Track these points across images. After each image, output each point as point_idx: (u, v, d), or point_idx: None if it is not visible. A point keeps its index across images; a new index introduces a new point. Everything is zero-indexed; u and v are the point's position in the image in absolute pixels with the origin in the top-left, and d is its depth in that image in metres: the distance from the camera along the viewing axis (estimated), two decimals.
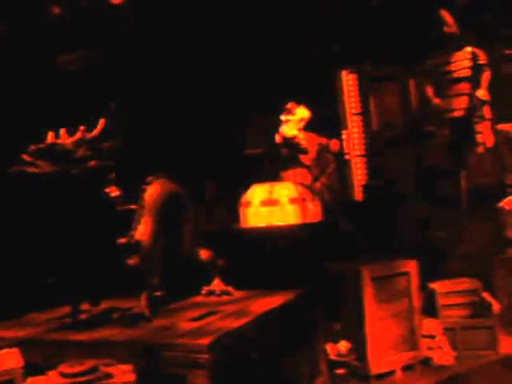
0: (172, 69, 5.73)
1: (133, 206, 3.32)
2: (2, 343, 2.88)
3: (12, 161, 2.99)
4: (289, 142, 5.66)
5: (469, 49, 5.65)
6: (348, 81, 6.09)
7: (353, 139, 6.03)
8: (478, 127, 5.59)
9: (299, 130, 5.66)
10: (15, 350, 2.75)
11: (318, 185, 5.81)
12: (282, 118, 5.69)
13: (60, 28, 5.12)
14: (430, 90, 5.81)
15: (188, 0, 5.50)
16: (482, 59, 5.60)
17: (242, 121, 6.14)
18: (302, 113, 5.67)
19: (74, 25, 5.15)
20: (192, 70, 5.78)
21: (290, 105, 5.65)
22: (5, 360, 2.68)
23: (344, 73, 6.11)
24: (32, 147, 3.00)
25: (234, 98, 5.98)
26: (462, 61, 5.68)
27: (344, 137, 6.06)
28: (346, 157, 6.00)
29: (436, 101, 5.77)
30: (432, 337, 4.26)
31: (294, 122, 5.64)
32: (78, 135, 3.10)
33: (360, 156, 6.14)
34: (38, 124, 3.20)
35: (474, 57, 5.63)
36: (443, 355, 4.23)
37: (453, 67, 5.71)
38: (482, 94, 5.56)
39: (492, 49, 5.75)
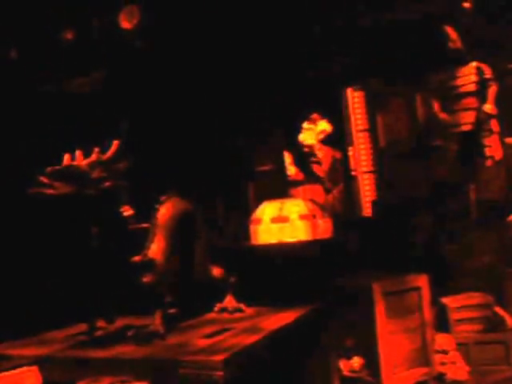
0: (183, 89, 5.83)
1: (145, 225, 3.38)
2: (21, 361, 2.92)
3: (30, 183, 3.06)
4: (303, 152, 5.79)
5: (474, 64, 5.70)
6: (354, 98, 6.15)
7: (359, 155, 6.08)
8: (486, 141, 5.61)
9: (317, 141, 5.80)
10: (34, 368, 2.80)
11: (330, 198, 5.87)
12: (304, 125, 5.83)
13: (72, 51, 5.24)
14: (436, 105, 5.86)
15: (198, 20, 5.61)
16: (488, 74, 5.65)
17: (252, 138, 6.21)
18: (324, 125, 5.82)
19: (86, 48, 5.27)
20: (202, 90, 5.87)
21: (314, 115, 5.80)
22: (24, 378, 2.72)
23: (349, 90, 6.17)
24: (49, 169, 3.07)
25: (243, 116, 6.06)
26: (467, 76, 5.73)
27: (350, 153, 6.12)
28: (353, 173, 6.05)
29: (443, 116, 5.81)
30: (445, 352, 4.24)
31: (314, 131, 5.79)
32: (93, 157, 3.17)
33: (368, 172, 6.17)
34: (54, 147, 3.28)
35: (480, 71, 5.67)
36: (457, 371, 4.21)
37: (459, 82, 5.76)
38: (489, 108, 5.60)
39: (497, 63, 5.79)
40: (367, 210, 6.07)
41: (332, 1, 5.65)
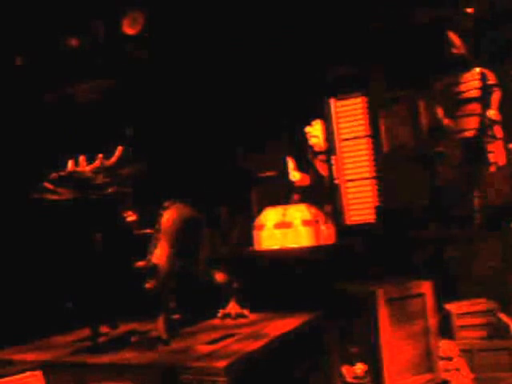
0: (186, 96, 5.87)
1: (149, 231, 3.40)
2: (25, 366, 2.94)
3: (34, 188, 3.08)
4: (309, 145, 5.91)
5: (477, 69, 5.70)
6: (337, 107, 6.25)
7: (342, 164, 6.20)
8: (490, 147, 5.60)
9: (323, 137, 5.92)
10: (38, 373, 2.82)
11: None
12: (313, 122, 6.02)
13: (77, 58, 5.28)
14: (440, 111, 5.86)
15: (201, 29, 5.65)
16: (491, 79, 5.65)
17: (255, 145, 6.24)
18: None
19: (91, 55, 5.30)
20: (205, 97, 5.91)
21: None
22: (28, 383, 2.74)
23: (332, 100, 6.29)
24: (53, 175, 3.10)
25: (246, 122, 6.09)
26: (471, 81, 5.72)
27: (333, 162, 6.22)
28: (336, 181, 6.15)
29: (446, 122, 5.81)
30: (449, 359, 4.23)
31: (320, 127, 5.91)
32: (97, 163, 3.20)
33: (370, 178, 6.23)
34: (58, 152, 3.31)
35: (483, 77, 5.67)
36: (461, 377, 4.19)
37: (462, 88, 5.75)
38: (492, 113, 5.59)
39: (501, 69, 5.79)
40: (371, 216, 6.10)
41: (340, 7, 5.70)
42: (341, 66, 6.00)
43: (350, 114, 6.22)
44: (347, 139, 6.23)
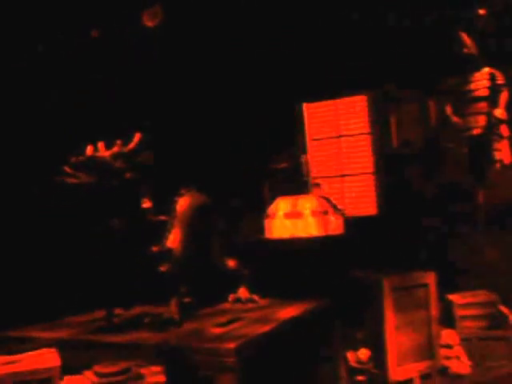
0: (202, 87, 5.94)
1: (163, 217, 3.50)
2: (41, 343, 3.03)
3: (54, 172, 3.17)
4: None
5: (487, 69, 5.74)
6: (309, 110, 6.53)
7: (312, 162, 6.45)
8: (496, 145, 5.66)
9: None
10: (53, 350, 2.90)
11: None
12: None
13: (96, 49, 5.34)
14: (449, 109, 5.91)
15: (219, 23, 5.72)
16: (500, 79, 5.69)
17: (268, 136, 6.32)
18: None
19: (110, 46, 5.37)
20: (220, 88, 5.99)
21: None
22: (44, 359, 2.82)
23: (304, 104, 6.54)
24: (73, 159, 3.18)
25: (259, 114, 6.17)
26: (480, 81, 5.76)
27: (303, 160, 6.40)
28: (304, 179, 6.29)
29: (455, 119, 5.86)
30: (449, 346, 4.34)
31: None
32: (116, 148, 3.28)
33: (374, 173, 6.36)
34: (78, 138, 3.39)
35: (492, 77, 5.70)
36: (460, 365, 4.31)
37: (471, 87, 5.80)
38: (499, 112, 5.63)
39: (509, 69, 5.83)
40: (377, 209, 6.19)
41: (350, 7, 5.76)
42: (347, 64, 6.05)
43: (319, 116, 6.55)
44: (316, 139, 6.56)
